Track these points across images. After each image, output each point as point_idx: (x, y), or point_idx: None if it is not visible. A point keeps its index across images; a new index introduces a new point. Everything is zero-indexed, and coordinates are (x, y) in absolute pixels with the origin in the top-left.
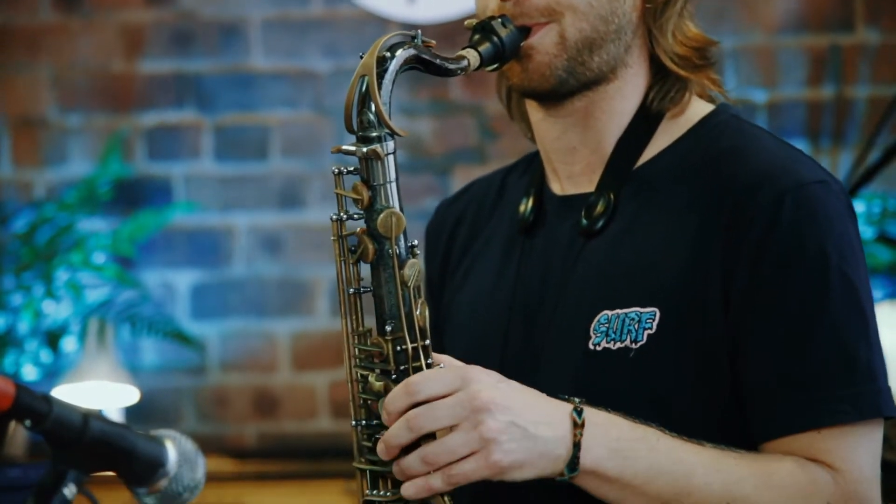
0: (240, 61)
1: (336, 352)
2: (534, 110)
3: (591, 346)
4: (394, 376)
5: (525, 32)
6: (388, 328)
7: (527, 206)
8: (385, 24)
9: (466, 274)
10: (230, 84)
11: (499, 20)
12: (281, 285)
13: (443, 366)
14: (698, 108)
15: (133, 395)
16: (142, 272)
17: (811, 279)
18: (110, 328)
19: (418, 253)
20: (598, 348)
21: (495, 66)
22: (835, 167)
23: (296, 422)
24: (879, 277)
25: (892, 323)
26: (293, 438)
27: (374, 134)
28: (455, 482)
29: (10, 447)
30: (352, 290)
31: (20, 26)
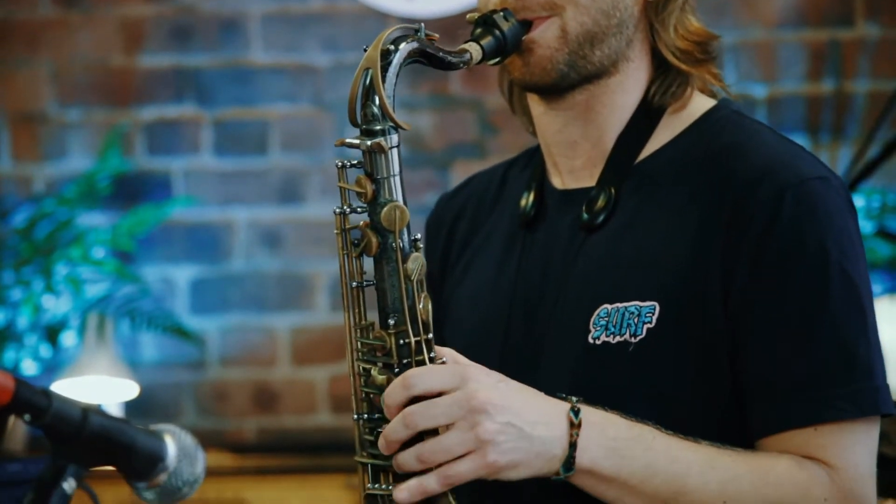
0: (239, 56)
1: (336, 346)
2: (535, 104)
3: (591, 340)
4: (396, 370)
5: (527, 26)
6: (391, 322)
7: (528, 200)
8: (385, 18)
9: (467, 268)
10: (230, 78)
11: (500, 14)
12: (280, 280)
13: (445, 360)
14: (700, 104)
15: (132, 389)
16: (141, 267)
17: (811, 275)
18: (110, 323)
19: (421, 247)
20: (598, 342)
21: (497, 59)
22: (834, 162)
23: (295, 416)
24: (878, 272)
25: (891, 318)
26: (293, 433)
27: (378, 127)
28: (451, 483)
29: (9, 442)
30: (355, 283)
31: (20, 21)
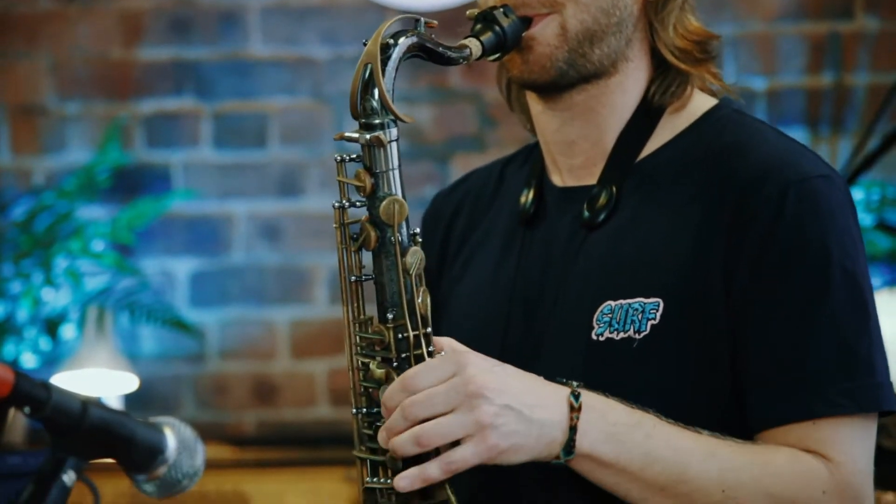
0: (238, 48)
1: (335, 339)
2: (534, 102)
3: (594, 337)
4: (395, 364)
5: (527, 23)
6: (390, 316)
7: (527, 197)
8: (384, 11)
9: (465, 265)
10: (229, 71)
11: (501, 10)
12: (280, 273)
13: (444, 353)
14: (700, 103)
15: (132, 382)
16: (141, 260)
17: (813, 273)
18: (109, 316)
19: (420, 241)
20: (601, 339)
21: (497, 55)
22: (834, 155)
23: (295, 409)
24: (878, 265)
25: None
26: (292, 426)
27: (377, 121)
28: (453, 469)
29: (9, 434)
30: (353, 277)
31: (19, 14)
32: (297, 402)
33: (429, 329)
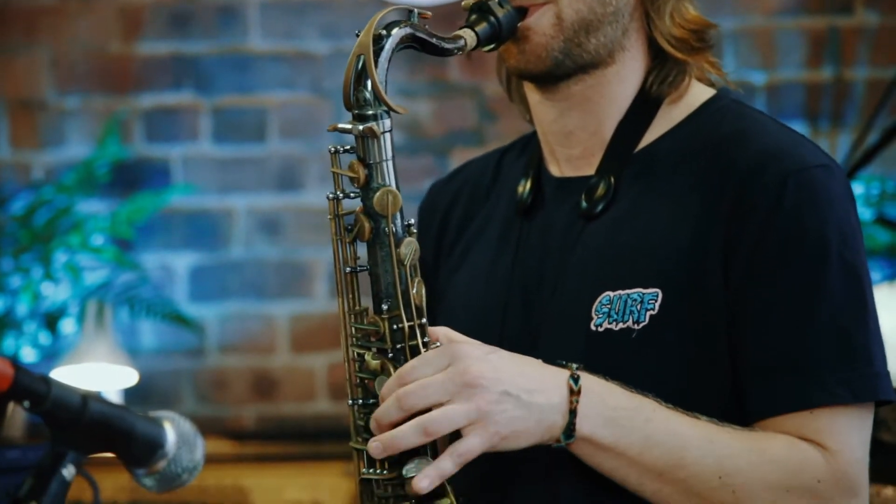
0: (238, 43)
1: (335, 334)
2: (531, 92)
3: (593, 327)
4: (390, 355)
5: (522, 13)
6: (385, 307)
7: (525, 187)
8: (384, 5)
9: (463, 255)
10: (228, 66)
11: (496, 0)
12: (279, 267)
13: (439, 343)
14: (699, 93)
15: (132, 377)
16: (140, 254)
17: (812, 263)
18: (109, 310)
19: (415, 231)
20: (600, 329)
21: (492, 46)
22: (833, 149)
23: (294, 404)
24: (877, 259)
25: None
26: (292, 420)
27: (371, 112)
28: (463, 460)
29: (8, 429)
30: (348, 268)
31: (18, 8)
32: (297, 396)
33: (424, 319)
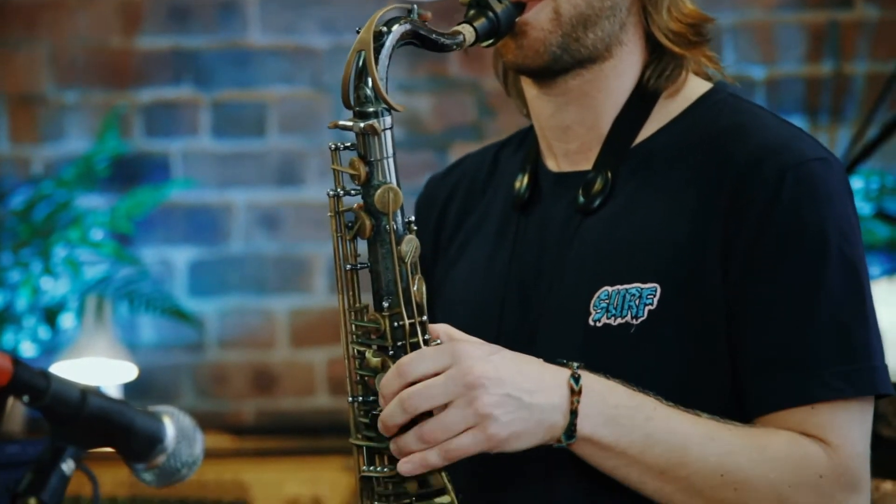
0: (237, 37)
1: (334, 329)
2: (528, 87)
3: (591, 323)
4: (391, 352)
5: (520, 8)
6: (385, 304)
7: (522, 182)
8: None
9: (460, 250)
10: (228, 60)
11: None
12: (279, 262)
13: (439, 341)
14: (696, 87)
15: (131, 371)
16: (140, 249)
17: (810, 257)
18: (108, 305)
19: (415, 229)
20: (599, 324)
21: (490, 41)
22: (833, 143)
23: (294, 398)
24: (877, 254)
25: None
26: (291, 415)
27: (371, 109)
28: (452, 457)
29: (8, 423)
30: (349, 266)
31: (18, 2)
32: (297, 391)
33: (425, 317)
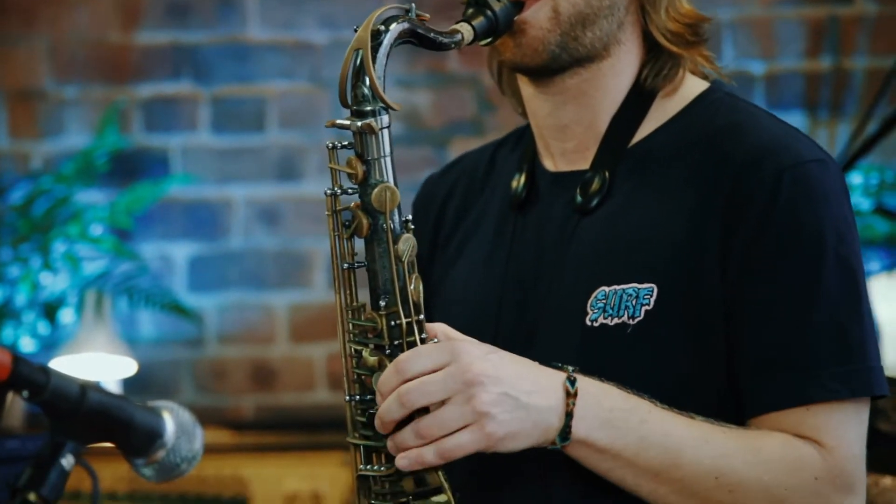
0: (237, 33)
1: (334, 324)
2: (525, 86)
3: (588, 322)
4: (388, 351)
5: (518, 7)
6: (382, 303)
7: (519, 182)
8: None
9: (458, 249)
10: (227, 55)
11: None
12: (278, 257)
13: (437, 340)
14: (692, 86)
15: (131, 366)
16: (139, 244)
17: (807, 258)
18: (108, 300)
19: (412, 228)
20: (595, 324)
21: (489, 40)
22: (832, 139)
23: (293, 394)
24: (876, 249)
25: (888, 295)
26: (291, 410)
27: (369, 108)
28: (449, 455)
29: (8, 418)
30: (346, 264)
31: None
32: (296, 386)
33: (421, 316)
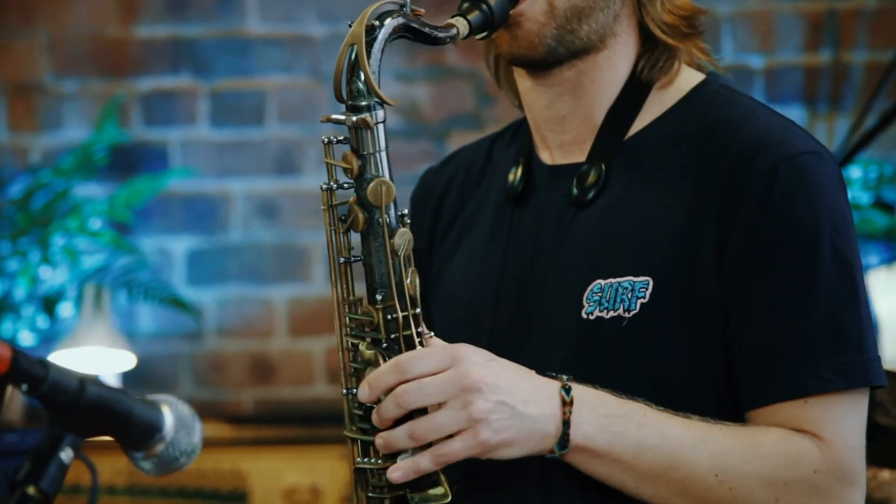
0: (236, 26)
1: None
2: (522, 79)
3: (584, 315)
4: (384, 345)
5: (514, 0)
6: (379, 297)
7: (515, 175)
8: None
9: (456, 243)
10: (226, 49)
11: None
12: (277, 251)
13: (432, 334)
14: (688, 78)
15: (130, 360)
16: (138, 238)
17: (803, 250)
18: (107, 294)
19: (409, 222)
20: (591, 317)
21: (484, 34)
22: (831, 133)
23: (292, 388)
24: (875, 243)
25: (887, 288)
26: (290, 404)
27: (364, 103)
28: (443, 461)
29: (7, 412)
30: (342, 259)
31: None
32: (295, 380)
33: (418, 310)
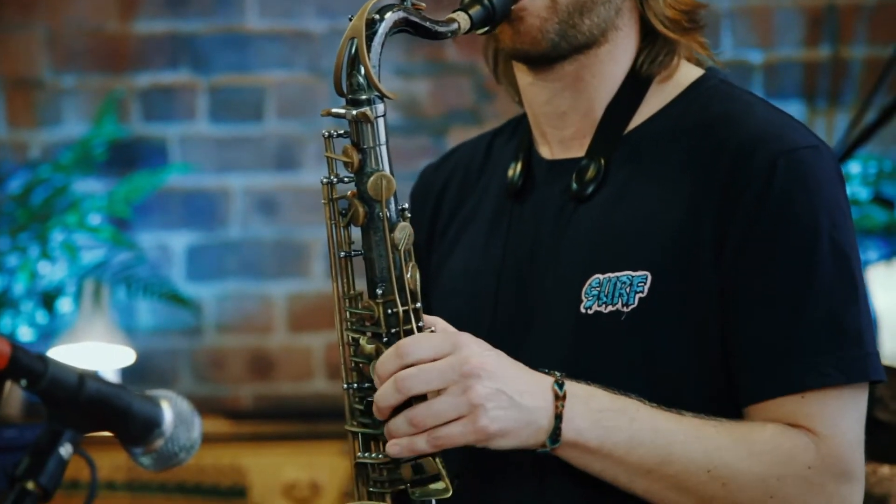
0: (235, 22)
1: (332, 313)
2: (522, 74)
3: (583, 310)
4: (385, 339)
5: None
6: (379, 291)
7: (515, 170)
8: None
9: (455, 238)
10: (225, 45)
11: None
12: (277, 247)
13: (434, 329)
14: (687, 73)
15: (129, 356)
16: (137, 233)
17: (802, 244)
18: (106, 289)
19: (409, 216)
20: (590, 312)
21: (485, 29)
22: (831, 128)
23: (292, 383)
24: (874, 239)
25: (886, 284)
26: (289, 400)
27: (364, 97)
28: (440, 445)
29: (6, 407)
30: (343, 253)
31: None
32: (294, 375)
33: (418, 304)
